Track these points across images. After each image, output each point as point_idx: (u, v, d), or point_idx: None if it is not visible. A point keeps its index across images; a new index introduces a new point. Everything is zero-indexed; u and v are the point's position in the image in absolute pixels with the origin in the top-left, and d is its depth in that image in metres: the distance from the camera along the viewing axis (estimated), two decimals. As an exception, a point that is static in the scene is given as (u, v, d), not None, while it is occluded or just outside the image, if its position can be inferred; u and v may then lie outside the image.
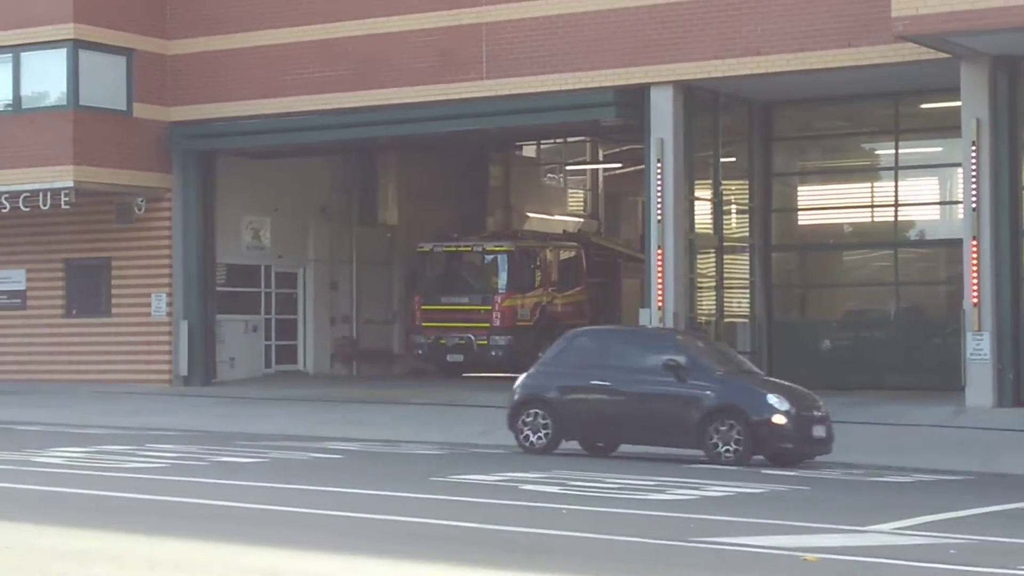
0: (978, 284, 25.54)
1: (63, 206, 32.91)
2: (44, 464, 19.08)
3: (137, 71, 33.66)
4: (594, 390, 21.69)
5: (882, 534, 13.80)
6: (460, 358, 35.30)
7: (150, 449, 21.59)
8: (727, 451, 20.51)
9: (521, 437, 21.96)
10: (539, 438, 21.74)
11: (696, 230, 30.05)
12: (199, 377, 33.94)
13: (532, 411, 21.94)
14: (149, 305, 34.32)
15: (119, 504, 14.99)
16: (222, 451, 21.45)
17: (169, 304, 34.07)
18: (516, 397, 22.32)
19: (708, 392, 20.92)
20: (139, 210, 34.23)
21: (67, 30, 32.50)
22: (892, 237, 31.47)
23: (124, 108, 33.54)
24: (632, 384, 21.39)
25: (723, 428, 20.60)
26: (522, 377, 22.74)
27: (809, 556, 12.14)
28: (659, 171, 28.78)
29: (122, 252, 34.74)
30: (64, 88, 32.70)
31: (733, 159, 31.67)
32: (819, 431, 20.93)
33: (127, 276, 34.69)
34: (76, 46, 32.55)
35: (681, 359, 21.12)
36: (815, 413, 21.02)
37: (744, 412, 20.61)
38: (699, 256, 30.32)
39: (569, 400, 21.82)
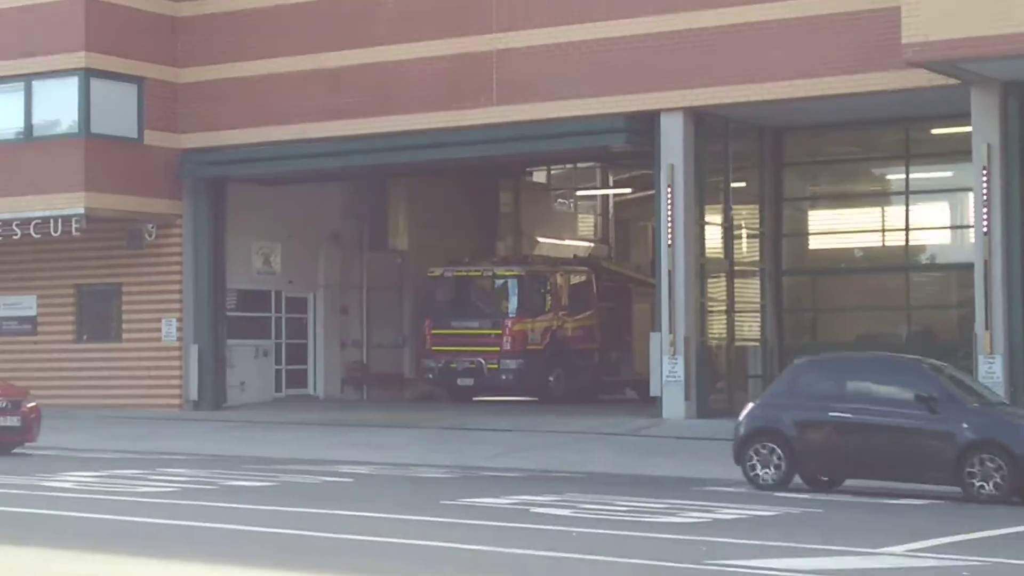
0: (989, 308, 25.52)
1: (74, 233, 32.98)
2: (55, 488, 19.09)
3: (148, 99, 33.76)
4: (835, 423, 20.40)
5: (895, 556, 13.77)
6: (470, 382, 35.29)
7: (161, 473, 21.60)
8: (986, 487, 19.14)
9: (751, 473, 20.56)
10: (768, 473, 20.43)
11: (707, 255, 30.06)
12: (209, 401, 33.97)
13: (765, 444, 20.51)
14: (160, 330, 34.37)
15: (130, 528, 14.99)
16: (232, 475, 21.45)
17: (179, 329, 34.13)
18: (743, 431, 20.90)
19: (964, 425, 19.57)
20: (150, 236, 34.30)
21: (79, 59, 32.62)
22: (903, 261, 31.46)
23: (135, 135, 33.65)
24: (878, 416, 20.12)
25: (984, 464, 19.22)
26: (748, 407, 21.39)
27: (821, 578, 12.11)
28: (669, 196, 28.81)
29: (133, 278, 34.82)
30: (75, 116, 32.81)
31: (744, 184, 31.69)
32: None
33: (138, 301, 34.76)
34: (87, 75, 32.66)
35: (934, 391, 19.81)
36: None
37: (1006, 447, 19.23)
38: (710, 280, 30.32)
39: (806, 434, 20.52)
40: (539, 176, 44.43)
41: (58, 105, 33.11)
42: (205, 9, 34.13)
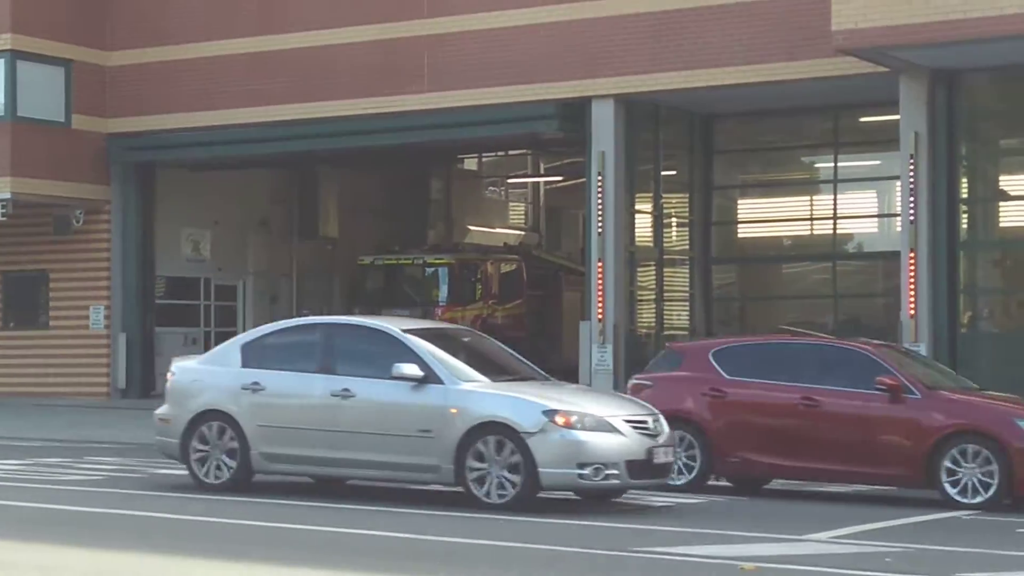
0: (915, 296, 25.71)
1: (0, 218, 32.64)
2: (-21, 476, 18.90)
3: (76, 82, 33.46)
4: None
5: (819, 543, 13.86)
6: (401, 370, 35.16)
7: (87, 461, 21.43)
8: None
9: None
10: None
11: (636, 243, 30.12)
12: (137, 390, 33.75)
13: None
14: (87, 317, 34.10)
15: (54, 516, 14.86)
16: (160, 463, 21.29)
17: (107, 316, 33.87)
18: None
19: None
20: (77, 222, 34.00)
21: (4, 40, 32.27)
22: (831, 250, 31.65)
23: (62, 119, 33.33)
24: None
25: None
26: None
27: (747, 565, 12.17)
28: (600, 184, 28.85)
29: (60, 264, 34.50)
30: (1, 99, 32.44)
31: (674, 172, 31.76)
32: None
33: (65, 288, 34.45)
34: (14, 56, 32.31)
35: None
36: None
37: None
38: (639, 269, 30.38)
39: None
40: (470, 164, 44.43)
41: (-17, 88, 32.75)
42: (134, -8, 33.87)
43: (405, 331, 16.71)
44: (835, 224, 31.48)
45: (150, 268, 34.50)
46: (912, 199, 25.72)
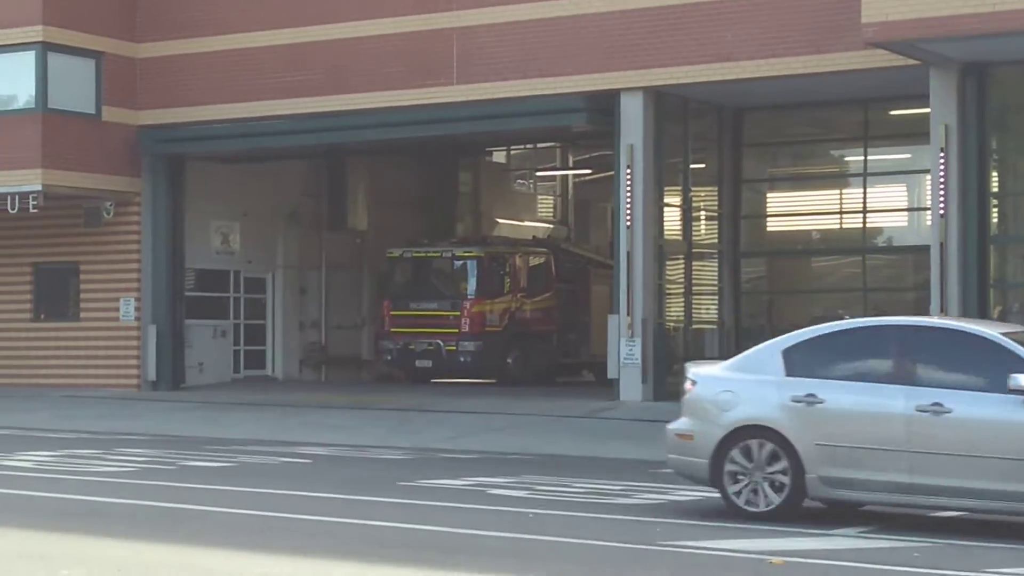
0: (945, 290, 25.64)
1: (31, 210, 32.73)
2: (11, 468, 19.02)
3: (106, 74, 33.56)
4: None
5: (847, 537, 13.86)
6: (429, 364, 35.25)
7: (119, 453, 21.54)
8: None
9: None
10: None
11: (665, 236, 30.10)
12: (167, 382, 33.87)
13: None
14: (117, 310, 34.21)
15: (88, 508, 14.96)
16: (191, 455, 21.41)
17: (137, 309, 33.99)
18: None
19: None
20: (108, 214, 34.13)
21: (36, 32, 32.38)
22: (860, 243, 31.58)
23: (93, 111, 33.44)
24: None
25: None
26: None
27: (775, 559, 12.18)
28: (629, 177, 28.83)
29: (91, 256, 34.63)
30: (32, 91, 32.58)
31: (703, 165, 31.73)
32: None
33: (96, 280, 34.58)
34: (45, 49, 32.43)
35: None
36: None
37: None
38: (668, 262, 30.37)
39: None
40: (499, 156, 44.42)
41: (14, 80, 32.83)
42: (164, -15, 33.97)
43: (1005, 335, 14.31)
44: (865, 218, 31.42)
45: (180, 260, 34.59)
46: (942, 192, 25.65)
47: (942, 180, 25.62)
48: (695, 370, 15.71)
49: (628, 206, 28.82)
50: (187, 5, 33.64)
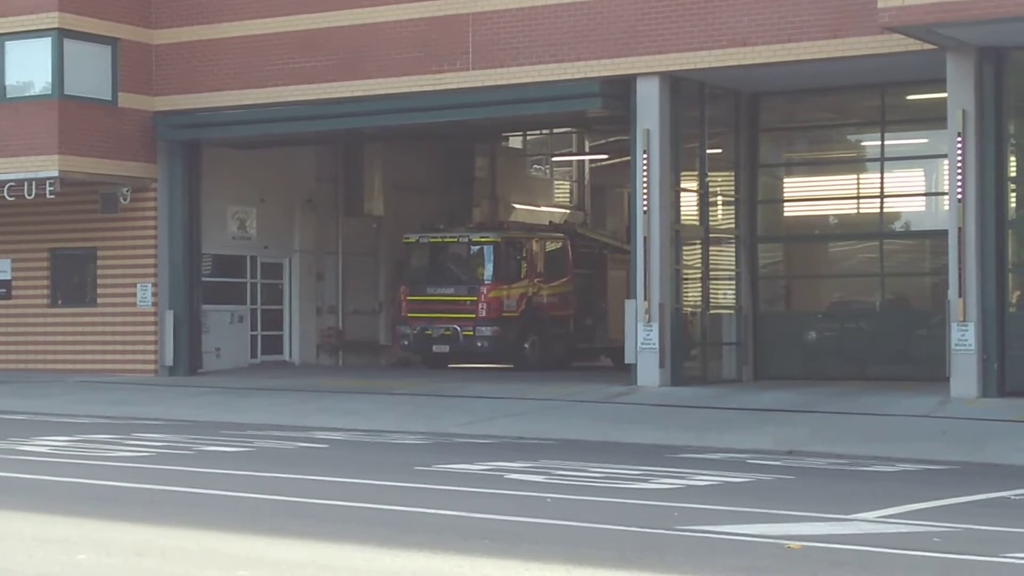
0: (963, 275, 25.59)
1: (48, 196, 32.83)
2: (29, 453, 19.07)
3: (122, 60, 33.60)
4: None
5: (866, 522, 13.83)
6: (446, 349, 35.31)
7: (136, 438, 21.58)
8: None
9: None
10: None
11: (682, 221, 30.07)
12: (184, 367, 33.94)
13: None
14: (134, 295, 34.29)
15: (105, 492, 14.99)
16: (208, 440, 21.44)
17: (154, 294, 34.05)
18: None
19: None
20: (124, 200, 34.18)
21: (52, 19, 32.43)
22: (877, 228, 31.52)
23: (109, 98, 33.49)
24: None
25: None
26: None
27: (793, 544, 12.16)
28: (645, 162, 28.79)
29: (107, 242, 34.71)
30: (49, 77, 32.63)
31: (719, 150, 31.69)
32: None
33: (112, 266, 34.66)
34: (61, 35, 32.48)
35: None
36: None
37: None
38: (685, 247, 30.34)
39: None
40: (515, 141, 44.44)
41: (31, 66, 32.91)
42: (180, -28, 33.98)
43: None
44: (882, 203, 31.33)
45: (196, 246, 34.64)
46: (960, 177, 25.59)
47: (959, 165, 25.56)
48: None
49: (644, 191, 28.79)
50: (203, -9, 33.67)
